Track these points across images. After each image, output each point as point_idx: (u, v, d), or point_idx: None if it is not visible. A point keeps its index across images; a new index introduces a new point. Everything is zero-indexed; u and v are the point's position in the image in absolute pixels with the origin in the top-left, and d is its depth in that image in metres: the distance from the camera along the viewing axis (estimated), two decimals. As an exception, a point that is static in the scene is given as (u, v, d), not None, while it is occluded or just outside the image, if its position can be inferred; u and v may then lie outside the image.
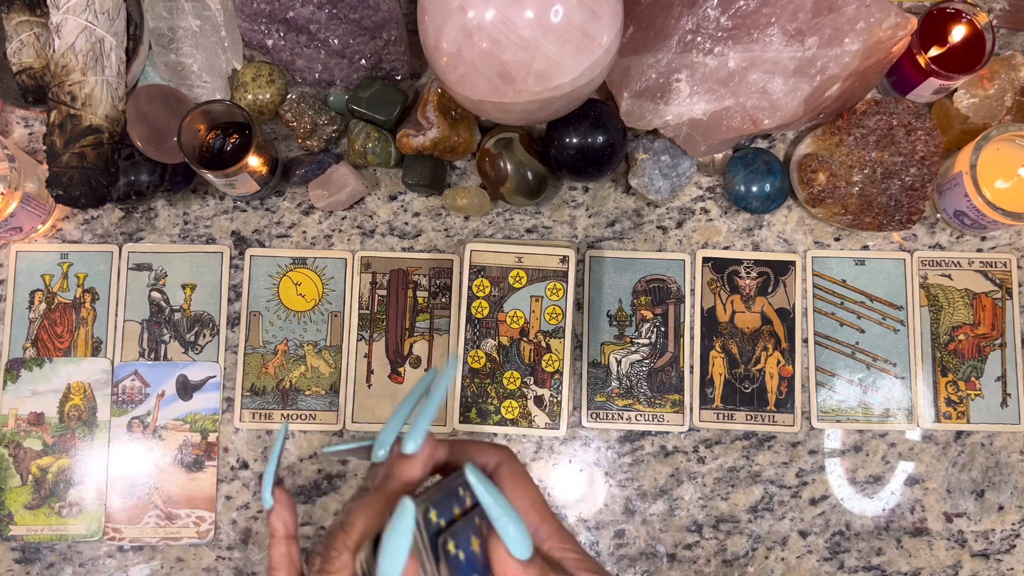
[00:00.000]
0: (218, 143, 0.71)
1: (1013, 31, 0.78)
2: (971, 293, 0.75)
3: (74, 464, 0.72)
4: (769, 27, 0.67)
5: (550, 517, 0.39)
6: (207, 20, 0.73)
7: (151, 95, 0.70)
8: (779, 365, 0.74)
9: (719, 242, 0.75)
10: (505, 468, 0.40)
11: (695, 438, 0.73)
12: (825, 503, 0.73)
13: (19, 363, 0.73)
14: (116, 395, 0.72)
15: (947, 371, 0.74)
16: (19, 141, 0.76)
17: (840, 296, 0.75)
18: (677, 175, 0.73)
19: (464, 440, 0.41)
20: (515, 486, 0.39)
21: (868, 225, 0.72)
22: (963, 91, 0.73)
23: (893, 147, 0.70)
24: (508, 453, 0.41)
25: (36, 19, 0.70)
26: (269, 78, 0.73)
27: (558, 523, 0.39)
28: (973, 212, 0.71)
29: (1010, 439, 0.74)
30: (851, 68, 0.66)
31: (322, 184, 0.73)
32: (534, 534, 0.39)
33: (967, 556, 0.73)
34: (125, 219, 0.75)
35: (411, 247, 0.75)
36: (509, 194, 0.72)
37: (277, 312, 0.74)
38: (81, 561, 0.71)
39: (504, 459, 0.40)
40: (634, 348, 0.74)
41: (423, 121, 0.71)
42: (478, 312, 0.71)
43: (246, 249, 0.74)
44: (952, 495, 0.73)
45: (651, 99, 0.70)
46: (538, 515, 0.39)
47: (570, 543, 0.39)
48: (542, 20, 0.58)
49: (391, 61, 0.73)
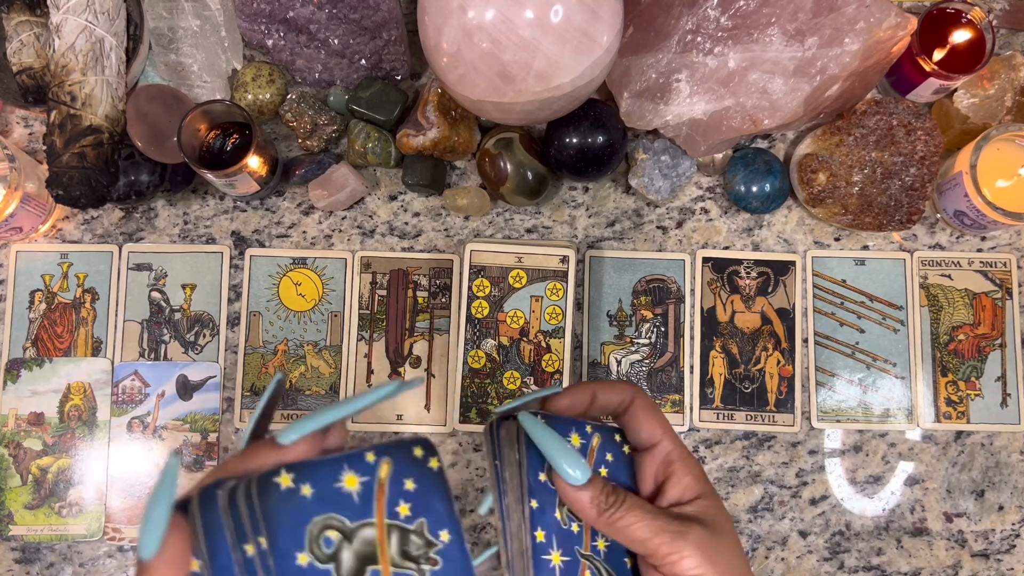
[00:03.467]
0: (218, 143, 0.71)
1: (1013, 31, 0.78)
2: (971, 293, 0.75)
3: (74, 464, 0.72)
4: (769, 27, 0.67)
5: (679, 445, 0.43)
6: (207, 20, 0.73)
7: (151, 95, 0.70)
8: (779, 365, 0.74)
9: (719, 242, 0.75)
10: (639, 401, 0.44)
11: (695, 438, 0.73)
12: (825, 503, 0.73)
13: (19, 363, 0.73)
14: (116, 395, 0.72)
15: (947, 371, 0.74)
16: (19, 141, 0.76)
17: (840, 296, 0.75)
18: (677, 175, 0.73)
19: (598, 381, 0.47)
20: (647, 417, 0.43)
21: (868, 225, 0.72)
22: (963, 91, 0.73)
23: (893, 147, 0.70)
24: (638, 389, 0.45)
25: (36, 19, 0.70)
26: (269, 78, 0.73)
27: (685, 450, 0.43)
28: (973, 212, 0.71)
29: (1010, 439, 0.74)
30: (851, 68, 0.66)
31: (322, 184, 0.73)
32: (664, 457, 0.43)
33: (967, 556, 0.73)
34: (125, 219, 0.75)
35: (411, 247, 0.75)
36: (509, 194, 0.72)
37: (277, 312, 0.74)
38: (81, 561, 0.71)
39: (636, 394, 0.44)
40: (634, 348, 0.74)
41: (423, 121, 0.71)
42: (478, 312, 0.71)
43: (246, 249, 0.74)
44: (952, 495, 0.73)
45: (651, 99, 0.70)
46: (670, 442, 0.43)
47: (694, 469, 0.42)
48: (542, 20, 0.58)
49: (391, 61, 0.73)
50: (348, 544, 0.30)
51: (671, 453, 0.43)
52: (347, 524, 0.30)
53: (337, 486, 0.30)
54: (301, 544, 0.29)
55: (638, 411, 0.44)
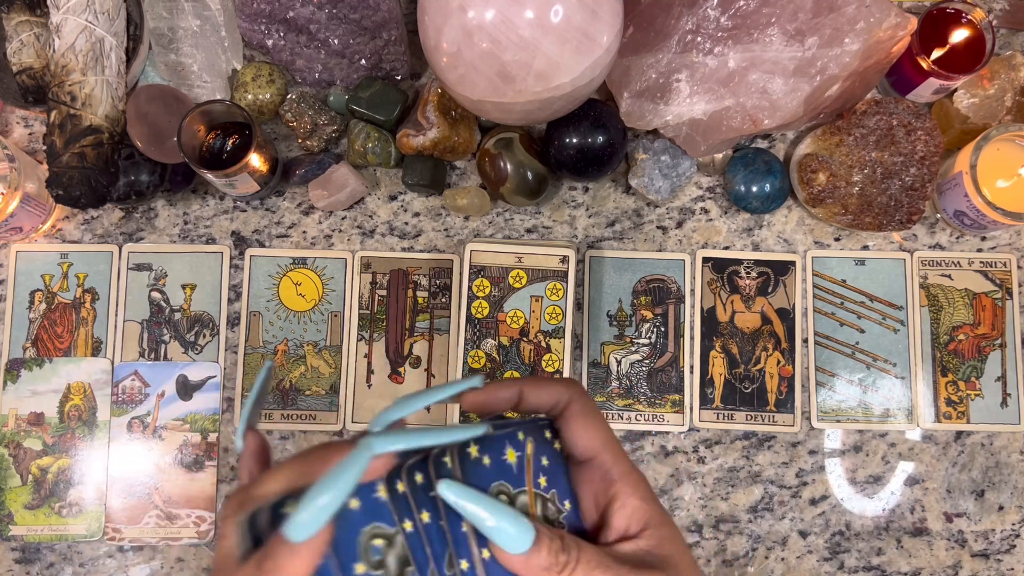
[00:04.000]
0: (218, 143, 0.71)
1: (1013, 31, 0.78)
2: (971, 293, 0.75)
3: (74, 464, 0.71)
4: (769, 27, 0.67)
5: (621, 459, 0.37)
6: (207, 20, 0.73)
7: (151, 95, 0.70)
8: (779, 365, 0.74)
9: (719, 242, 0.75)
10: (575, 406, 0.37)
11: (695, 438, 0.73)
12: (825, 503, 0.73)
13: (19, 363, 0.73)
14: (116, 395, 0.72)
15: (947, 371, 0.74)
16: (19, 141, 0.76)
17: (840, 296, 0.75)
18: (677, 175, 0.73)
19: (528, 379, 0.38)
20: (585, 425, 0.37)
21: (868, 225, 0.72)
22: (963, 91, 0.73)
23: (893, 147, 0.70)
24: (577, 389, 0.37)
25: (36, 19, 0.70)
26: (269, 78, 0.73)
27: (628, 465, 0.37)
28: (973, 212, 0.71)
29: (1010, 439, 0.74)
30: (851, 68, 0.66)
31: (322, 184, 0.73)
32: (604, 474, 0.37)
33: (967, 556, 0.73)
34: (125, 219, 0.75)
35: (411, 247, 0.75)
36: (509, 194, 0.72)
37: (277, 312, 0.74)
38: (81, 561, 0.71)
39: (574, 396, 0.37)
40: (634, 348, 0.74)
41: (423, 121, 0.71)
42: (478, 312, 0.71)
43: (246, 249, 0.74)
44: (952, 495, 0.73)
45: (651, 99, 0.70)
46: (610, 455, 0.37)
47: (639, 489, 0.36)
48: (542, 20, 0.58)
49: (391, 61, 0.73)
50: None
51: (611, 470, 0.37)
52: (511, 490, 0.35)
53: (503, 458, 0.35)
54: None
55: (574, 417, 0.37)
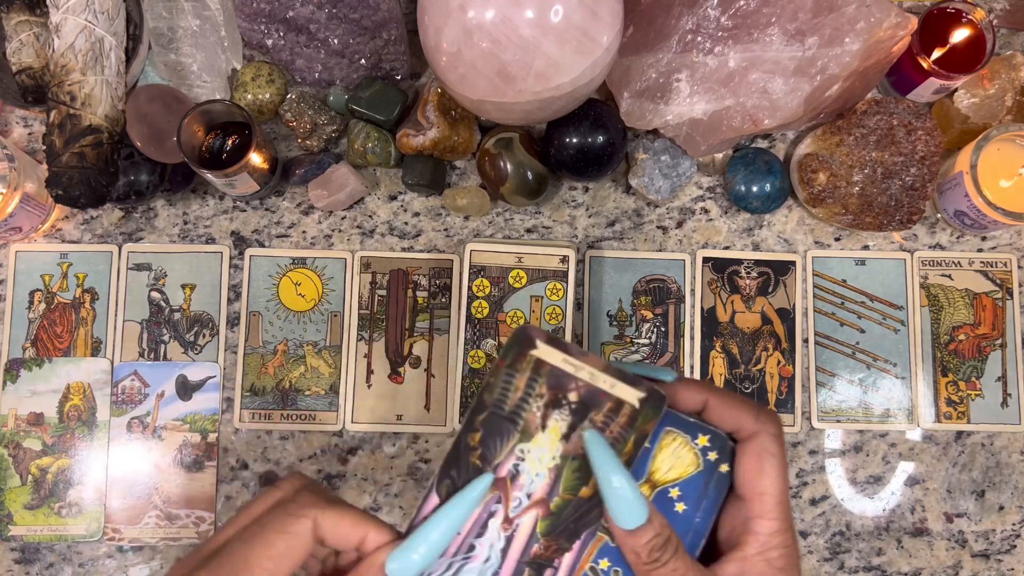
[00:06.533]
0: (218, 143, 0.71)
1: (1013, 31, 0.78)
2: (971, 293, 0.75)
3: (74, 464, 0.71)
4: (769, 27, 0.67)
5: (780, 515, 0.33)
6: (207, 20, 0.73)
7: (151, 95, 0.70)
8: (779, 365, 0.74)
9: (719, 242, 0.75)
10: (755, 444, 0.34)
11: (695, 438, 0.73)
12: (825, 503, 0.73)
13: (19, 363, 0.73)
14: (116, 395, 0.72)
15: (947, 371, 0.74)
16: (19, 141, 0.76)
17: (840, 296, 0.75)
18: (677, 175, 0.73)
19: (720, 391, 0.36)
20: (757, 467, 0.34)
21: (868, 225, 0.72)
22: (963, 91, 0.73)
23: (893, 147, 0.70)
24: (771, 428, 0.34)
25: (36, 19, 0.70)
26: (269, 78, 0.73)
27: (785, 524, 0.33)
28: (973, 212, 0.71)
29: (1010, 439, 0.74)
30: (851, 68, 0.66)
31: (322, 184, 0.72)
32: (753, 522, 0.34)
33: (967, 556, 0.73)
34: (125, 219, 0.75)
35: (411, 247, 0.75)
36: (509, 194, 0.71)
37: (277, 312, 0.74)
38: (81, 561, 0.71)
39: (760, 433, 0.34)
40: (634, 348, 0.74)
41: (423, 121, 0.71)
42: (478, 312, 0.71)
43: (246, 249, 0.74)
44: (952, 495, 0.73)
45: (651, 99, 0.70)
46: (767, 508, 0.33)
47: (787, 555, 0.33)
48: (542, 20, 0.58)
49: (391, 61, 0.73)
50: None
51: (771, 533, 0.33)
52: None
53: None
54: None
55: (753, 455, 0.34)
